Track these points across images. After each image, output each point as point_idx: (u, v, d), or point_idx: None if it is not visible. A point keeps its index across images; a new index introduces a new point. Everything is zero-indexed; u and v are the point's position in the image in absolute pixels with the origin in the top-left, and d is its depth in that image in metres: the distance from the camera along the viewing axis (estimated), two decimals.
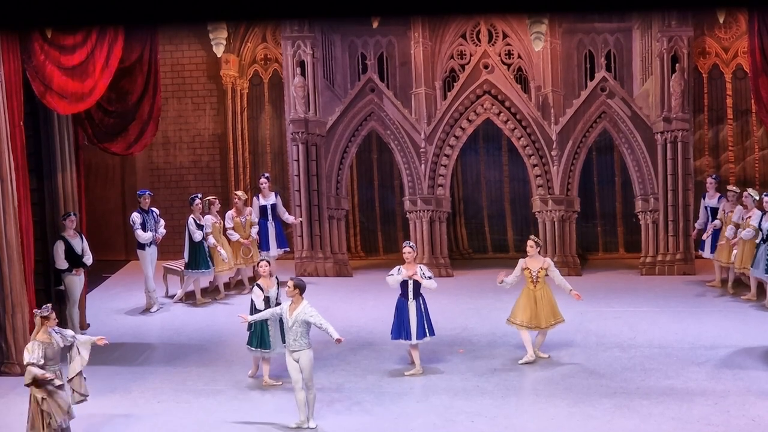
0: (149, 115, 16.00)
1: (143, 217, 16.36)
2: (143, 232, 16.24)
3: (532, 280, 13.74)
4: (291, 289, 11.86)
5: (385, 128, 17.81)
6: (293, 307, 11.85)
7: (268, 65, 18.98)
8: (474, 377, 13.35)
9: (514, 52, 17.52)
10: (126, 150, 16.23)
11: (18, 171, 13.61)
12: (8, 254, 13.54)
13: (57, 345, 11.23)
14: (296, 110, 17.74)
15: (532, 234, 15.28)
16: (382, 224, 18.93)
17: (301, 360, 11.83)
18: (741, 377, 13.10)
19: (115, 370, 13.85)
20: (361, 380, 13.36)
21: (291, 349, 11.84)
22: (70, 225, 15.02)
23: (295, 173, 17.90)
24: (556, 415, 12.17)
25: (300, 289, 11.87)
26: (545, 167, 17.58)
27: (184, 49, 18.85)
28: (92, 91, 14.49)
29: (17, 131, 13.64)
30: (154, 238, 16.41)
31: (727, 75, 18.04)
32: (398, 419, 12.20)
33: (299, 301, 11.84)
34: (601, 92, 17.44)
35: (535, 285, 13.73)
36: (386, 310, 13.63)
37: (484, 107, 17.60)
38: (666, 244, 17.52)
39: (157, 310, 16.39)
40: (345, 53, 17.85)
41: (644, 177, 17.51)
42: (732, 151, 18.12)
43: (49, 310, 11.30)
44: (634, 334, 14.73)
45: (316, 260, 18.02)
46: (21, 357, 13.61)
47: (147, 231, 16.29)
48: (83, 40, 14.25)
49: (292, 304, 11.90)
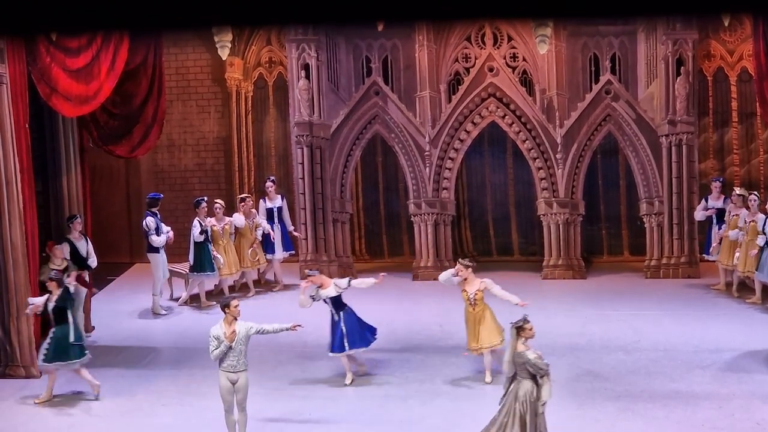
0: (153, 119, 16.01)
1: (157, 221, 16.35)
2: (158, 236, 16.23)
3: (470, 303, 13.32)
4: (232, 311, 11.37)
5: (389, 131, 17.81)
6: (231, 327, 11.34)
7: (272, 68, 18.99)
8: (478, 381, 13.34)
9: (519, 55, 17.52)
10: (130, 153, 16.24)
11: (23, 173, 13.62)
12: (13, 257, 13.55)
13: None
14: (301, 113, 17.75)
15: (532, 238, 15.26)
16: (386, 227, 18.93)
17: (241, 380, 11.41)
18: (746, 380, 13.08)
19: (119, 372, 13.87)
20: (365, 383, 13.36)
21: (234, 370, 11.35)
22: (75, 227, 15.02)
23: (299, 176, 17.90)
24: (561, 418, 12.15)
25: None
26: (550, 170, 17.58)
27: (189, 51, 18.86)
28: (97, 93, 14.51)
29: (23, 133, 13.66)
30: (169, 239, 16.41)
31: (732, 78, 18.03)
32: (402, 423, 12.20)
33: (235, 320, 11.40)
34: (605, 95, 17.43)
35: (474, 308, 13.32)
36: (390, 314, 13.63)
37: (488, 110, 17.60)
38: (671, 247, 17.51)
39: (164, 314, 16.38)
40: (349, 56, 17.85)
41: (649, 180, 17.49)
42: (737, 154, 18.11)
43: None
44: (639, 337, 14.72)
45: (320, 263, 17.99)
46: (26, 359, 13.65)
47: (161, 235, 16.31)
48: (88, 43, 14.27)
49: (229, 326, 11.34)
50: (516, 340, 10.59)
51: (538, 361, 10.42)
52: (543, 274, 17.69)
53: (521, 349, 10.53)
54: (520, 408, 10.48)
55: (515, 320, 10.70)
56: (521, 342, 10.57)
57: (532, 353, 10.48)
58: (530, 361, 10.42)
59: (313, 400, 12.82)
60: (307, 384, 13.36)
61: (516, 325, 10.61)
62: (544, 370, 10.42)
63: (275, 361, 14.10)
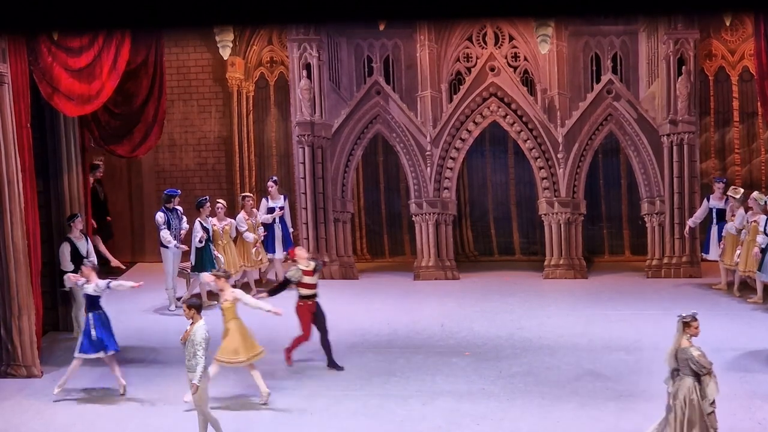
0: (154, 118, 16.03)
1: (167, 216, 16.40)
2: (168, 232, 16.28)
3: (223, 314, 12.94)
4: (187, 311, 11.40)
5: (390, 131, 17.81)
6: (191, 328, 11.34)
7: (274, 68, 18.99)
8: (479, 380, 13.34)
9: (521, 54, 17.52)
10: (131, 152, 16.25)
11: (25, 173, 13.63)
12: (15, 257, 13.55)
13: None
14: (302, 113, 17.75)
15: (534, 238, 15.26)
16: (388, 227, 18.93)
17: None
18: (747, 380, 13.08)
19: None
20: (367, 383, 13.36)
21: (189, 370, 11.37)
22: (75, 227, 15.04)
23: (300, 176, 17.90)
24: (562, 417, 12.16)
25: (195, 309, 11.47)
26: (551, 170, 17.57)
27: (190, 51, 18.87)
28: (99, 93, 14.52)
29: (24, 133, 13.66)
30: (178, 236, 16.43)
31: (734, 77, 18.03)
32: (404, 422, 12.19)
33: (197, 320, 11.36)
34: (607, 95, 17.43)
35: (224, 318, 12.88)
36: (392, 313, 13.64)
37: (490, 110, 17.60)
38: (672, 247, 17.51)
39: (175, 309, 16.39)
40: (351, 56, 17.85)
41: (650, 180, 17.49)
42: (738, 153, 18.10)
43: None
44: (640, 336, 14.71)
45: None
46: (27, 359, 13.65)
47: (171, 230, 16.35)
48: (90, 43, 14.28)
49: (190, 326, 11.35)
50: (681, 334, 10.52)
51: (701, 358, 10.34)
52: (544, 273, 17.69)
53: (685, 345, 10.45)
54: (681, 406, 10.43)
55: (684, 314, 10.63)
56: (686, 338, 10.50)
57: (695, 350, 10.38)
58: (693, 357, 10.35)
59: (315, 399, 12.82)
60: (309, 383, 13.35)
61: (683, 319, 10.53)
62: (706, 369, 10.33)
63: (276, 360, 14.10)
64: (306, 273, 13.63)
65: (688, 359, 10.37)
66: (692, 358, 10.35)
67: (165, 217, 16.38)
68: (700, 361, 10.34)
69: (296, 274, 13.63)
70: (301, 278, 13.63)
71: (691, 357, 10.36)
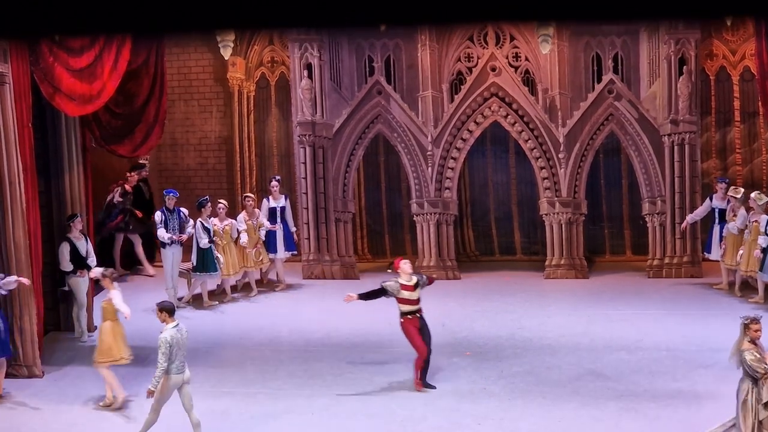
0: (155, 118, 16.04)
1: (165, 216, 16.43)
2: (164, 231, 16.31)
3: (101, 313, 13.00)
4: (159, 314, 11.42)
5: (392, 131, 17.82)
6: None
7: (275, 68, 19.00)
8: (481, 380, 13.34)
9: (522, 54, 17.52)
10: (132, 152, 16.27)
11: (26, 173, 13.63)
12: (16, 257, 13.56)
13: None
14: (303, 113, 17.76)
15: (535, 237, 15.25)
16: (389, 227, 18.95)
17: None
18: None
19: (120, 372, 13.84)
20: (368, 383, 13.36)
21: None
22: (75, 227, 15.05)
23: (301, 176, 17.91)
24: (563, 417, 12.16)
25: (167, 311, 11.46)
26: (552, 170, 17.58)
27: (191, 51, 18.88)
28: (101, 93, 14.53)
29: (26, 133, 13.67)
30: (177, 238, 16.42)
31: (735, 77, 18.04)
32: (405, 422, 12.20)
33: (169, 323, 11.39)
34: (608, 95, 17.43)
35: (104, 319, 12.92)
36: (393, 313, 13.60)
37: (491, 110, 17.61)
38: (673, 247, 17.52)
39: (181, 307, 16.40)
40: (352, 56, 17.86)
41: (651, 179, 17.50)
42: (739, 153, 18.11)
43: None
44: (641, 336, 14.71)
45: (323, 263, 18.04)
46: (28, 359, 13.66)
47: (168, 231, 16.36)
48: (91, 43, 14.28)
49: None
50: (743, 336, 10.50)
51: (753, 363, 10.28)
52: (545, 273, 17.70)
53: (745, 347, 10.43)
54: (740, 407, 10.43)
55: (745, 316, 10.60)
56: (746, 340, 10.48)
57: (750, 354, 10.32)
58: (746, 360, 10.33)
59: (316, 399, 12.83)
60: (310, 383, 13.36)
61: (744, 321, 10.52)
62: (759, 374, 10.31)
63: (277, 360, 14.12)
64: (405, 288, 12.97)
65: (743, 362, 10.37)
66: (745, 361, 10.34)
67: (162, 217, 16.42)
68: (753, 366, 10.31)
69: (393, 286, 12.98)
70: (398, 292, 12.97)
71: (744, 360, 10.34)
